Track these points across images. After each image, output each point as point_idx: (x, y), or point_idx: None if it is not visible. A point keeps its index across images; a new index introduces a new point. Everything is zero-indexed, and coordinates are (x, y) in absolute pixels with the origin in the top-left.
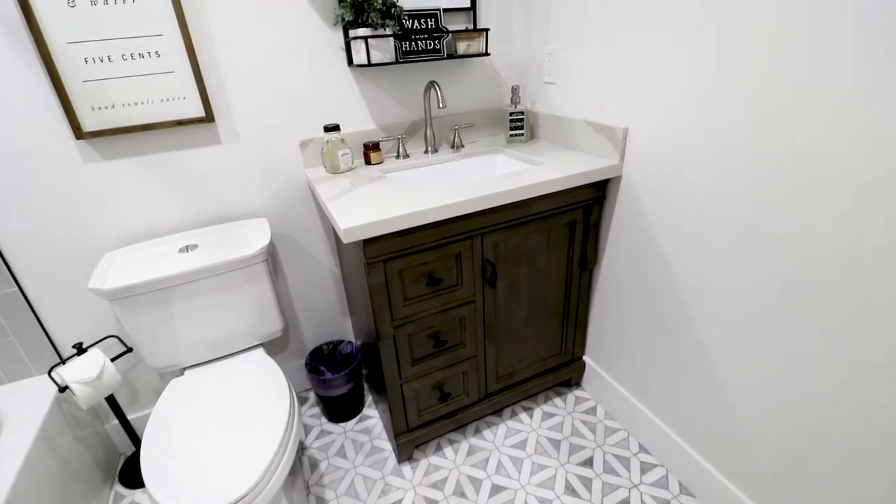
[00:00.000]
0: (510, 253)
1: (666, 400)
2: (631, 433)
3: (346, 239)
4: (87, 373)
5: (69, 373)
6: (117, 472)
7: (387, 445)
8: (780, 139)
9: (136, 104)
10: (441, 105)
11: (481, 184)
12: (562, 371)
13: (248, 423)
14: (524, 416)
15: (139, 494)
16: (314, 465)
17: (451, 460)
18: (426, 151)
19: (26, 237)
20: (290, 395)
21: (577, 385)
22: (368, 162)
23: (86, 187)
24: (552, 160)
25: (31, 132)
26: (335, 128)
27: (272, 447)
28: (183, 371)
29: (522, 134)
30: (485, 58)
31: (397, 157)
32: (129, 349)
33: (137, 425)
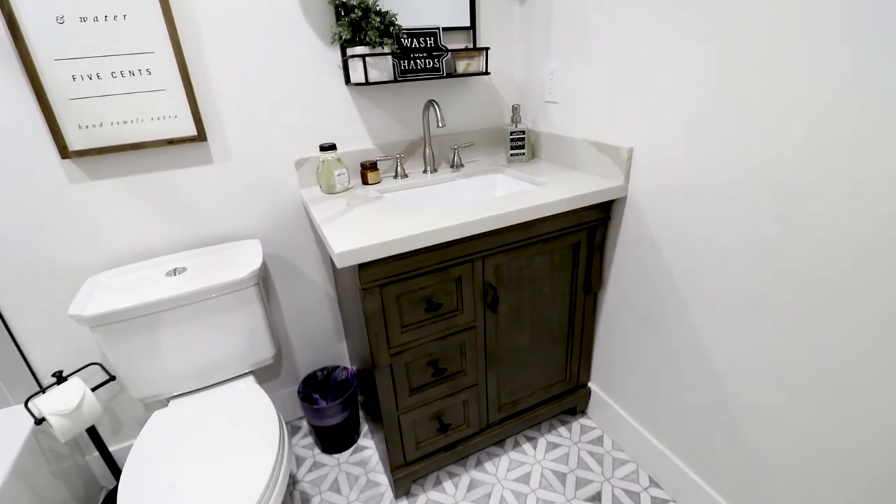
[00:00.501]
0: (512, 276)
1: (677, 430)
2: (640, 465)
3: (340, 263)
4: (66, 404)
5: (46, 404)
6: None
7: (383, 479)
8: (790, 157)
9: (125, 122)
10: (440, 124)
11: (483, 205)
12: (566, 399)
13: (235, 458)
14: (528, 446)
15: None
16: (306, 500)
17: (451, 496)
18: (425, 171)
19: (5, 259)
20: (280, 428)
21: (583, 413)
22: (366, 182)
23: (70, 208)
24: (555, 180)
25: (12, 151)
26: (331, 147)
27: (260, 483)
28: (168, 401)
29: (523, 153)
30: (485, 77)
31: (395, 176)
32: (113, 377)
33: (120, 457)
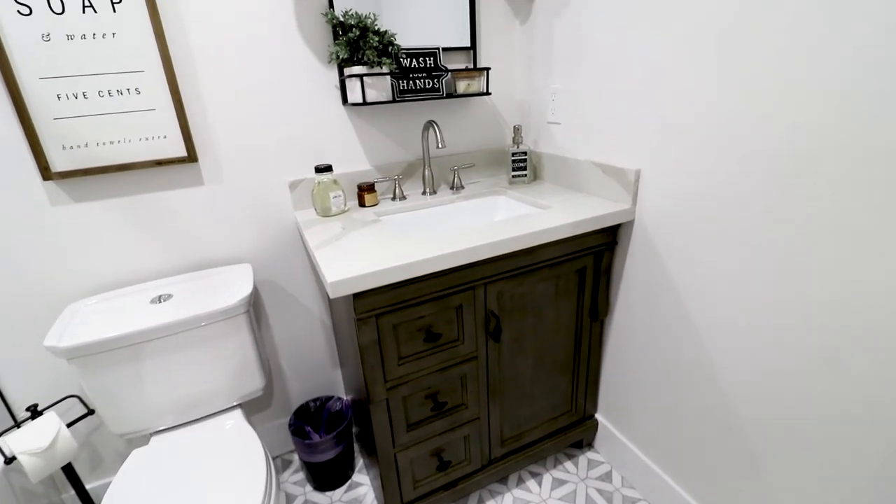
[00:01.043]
0: (516, 303)
1: (689, 466)
2: None
3: (333, 293)
4: (38, 442)
5: (17, 442)
6: None
7: None
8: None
9: (111, 143)
10: (440, 145)
11: (485, 229)
12: (572, 431)
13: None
14: (532, 483)
15: None
16: None
17: None
18: (424, 193)
19: None
20: (268, 469)
21: (590, 446)
22: (363, 204)
23: (52, 232)
24: (559, 203)
25: None
26: (327, 168)
27: None
28: (149, 437)
29: (525, 175)
30: (485, 97)
31: (393, 198)
32: (91, 411)
33: (98, 494)
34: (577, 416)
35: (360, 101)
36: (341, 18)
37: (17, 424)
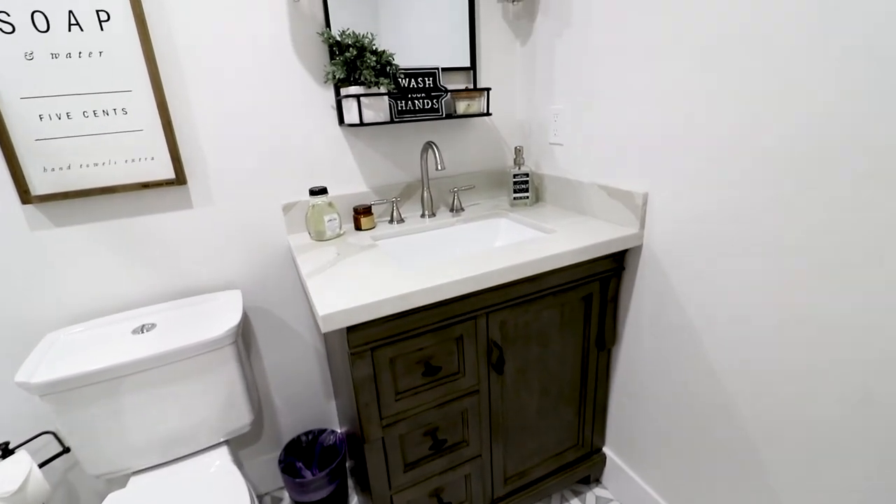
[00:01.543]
0: (519, 333)
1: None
2: None
3: (325, 327)
4: (6, 486)
5: None
6: None
7: None
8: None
9: (95, 165)
10: (439, 167)
11: (486, 256)
12: (579, 467)
13: None
14: None
15: None
16: None
17: None
18: (423, 215)
19: None
20: None
21: (597, 482)
22: (359, 227)
23: (31, 258)
24: (564, 227)
25: None
26: (322, 191)
27: None
28: (128, 477)
29: (527, 197)
30: (486, 117)
31: (391, 221)
32: (67, 450)
33: None
34: (584, 450)
35: (357, 121)
36: (338, 38)
37: None
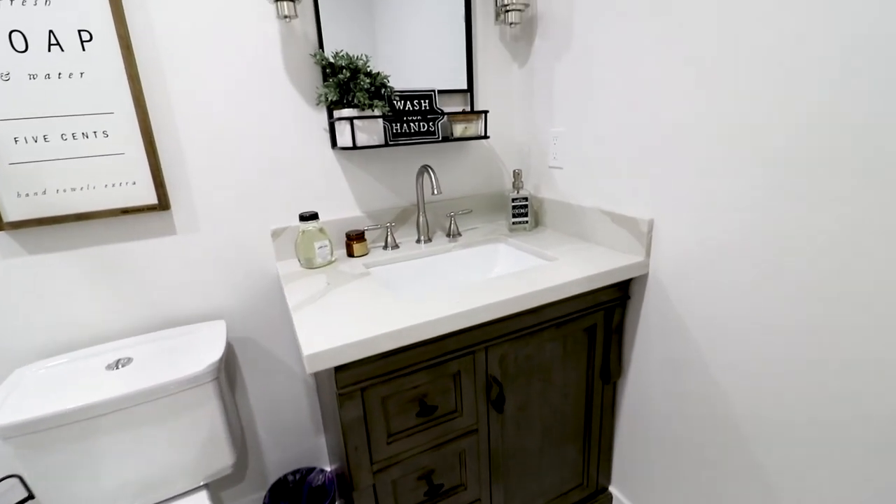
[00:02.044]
0: (520, 367)
1: None
2: None
3: (310, 368)
4: None
5: None
6: None
7: None
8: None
9: (73, 190)
10: (435, 192)
11: (485, 287)
12: None
13: None
14: None
15: None
16: None
17: None
18: (419, 241)
19: None
20: None
21: None
22: (351, 254)
23: (1, 287)
24: (566, 254)
25: None
26: (312, 216)
27: None
28: None
29: (527, 221)
30: (483, 140)
31: (385, 247)
32: (31, 496)
33: None
34: (590, 489)
35: (350, 145)
36: (331, 59)
37: None
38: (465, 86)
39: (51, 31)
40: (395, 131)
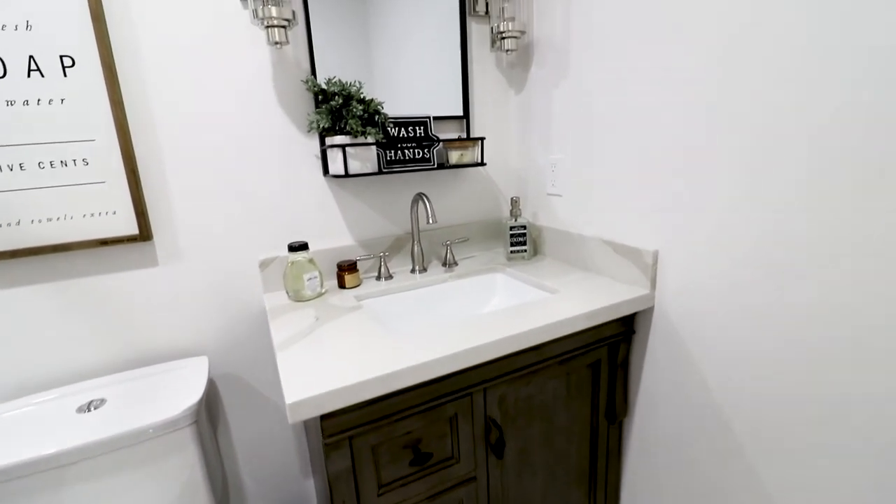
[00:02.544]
0: (521, 408)
1: None
2: None
3: (294, 417)
4: None
5: None
6: None
7: None
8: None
9: (49, 220)
10: (430, 221)
11: (484, 322)
12: None
13: None
14: None
15: None
16: None
17: None
18: (413, 270)
19: None
20: None
21: None
22: (342, 285)
23: None
24: (567, 286)
25: None
26: (302, 247)
27: None
28: None
29: (525, 250)
30: (480, 167)
31: (378, 277)
32: None
33: None
34: None
35: (342, 172)
36: (324, 86)
37: None
38: (461, 112)
39: (31, 57)
40: (389, 158)
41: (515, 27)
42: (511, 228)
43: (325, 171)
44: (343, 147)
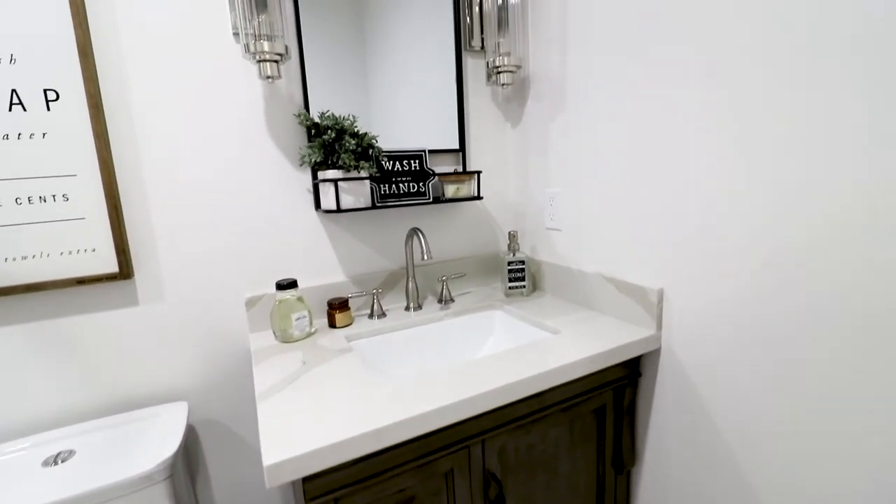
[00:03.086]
0: (522, 459)
1: None
2: None
3: (272, 481)
4: None
5: None
6: None
7: None
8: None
9: (24, 258)
10: (426, 257)
11: (482, 368)
12: None
13: None
14: None
15: None
16: None
17: None
18: (408, 308)
19: None
20: None
21: None
22: (333, 325)
23: None
24: (569, 326)
25: None
26: (290, 284)
27: None
28: None
29: (524, 286)
30: (477, 201)
31: (371, 315)
32: None
33: None
34: None
35: (334, 207)
36: (316, 120)
37: None
38: (457, 145)
39: (13, 91)
40: (383, 192)
41: (511, 62)
42: (509, 263)
43: (318, 205)
44: (335, 181)
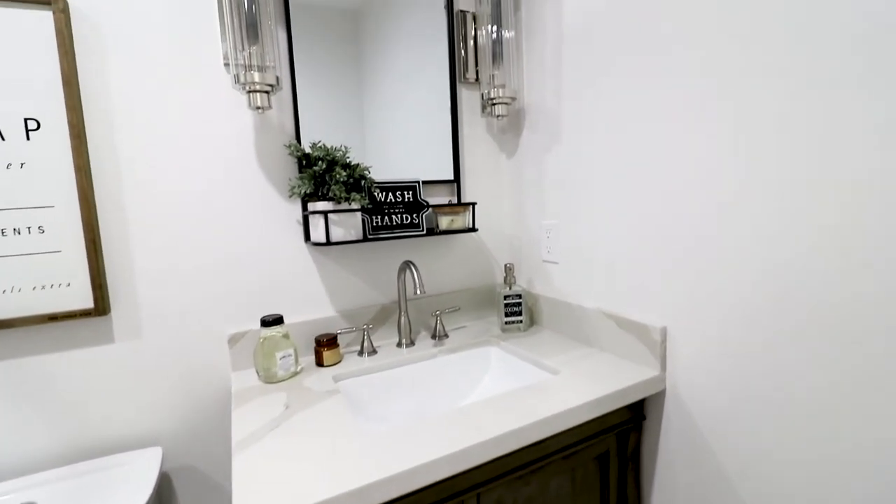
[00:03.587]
0: None
1: None
2: None
3: None
4: None
5: None
6: None
7: None
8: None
9: None
10: (419, 291)
11: (477, 413)
12: None
13: None
14: None
15: None
16: None
17: None
18: (399, 344)
19: None
20: None
21: None
22: (320, 363)
23: None
24: (569, 365)
25: None
26: (276, 321)
27: None
28: None
29: (521, 321)
30: (472, 233)
31: (361, 353)
32: None
33: None
34: None
35: (324, 240)
36: (308, 150)
37: None
38: (451, 176)
39: None
40: (375, 224)
41: (506, 93)
42: (505, 297)
43: (307, 237)
44: (325, 213)
